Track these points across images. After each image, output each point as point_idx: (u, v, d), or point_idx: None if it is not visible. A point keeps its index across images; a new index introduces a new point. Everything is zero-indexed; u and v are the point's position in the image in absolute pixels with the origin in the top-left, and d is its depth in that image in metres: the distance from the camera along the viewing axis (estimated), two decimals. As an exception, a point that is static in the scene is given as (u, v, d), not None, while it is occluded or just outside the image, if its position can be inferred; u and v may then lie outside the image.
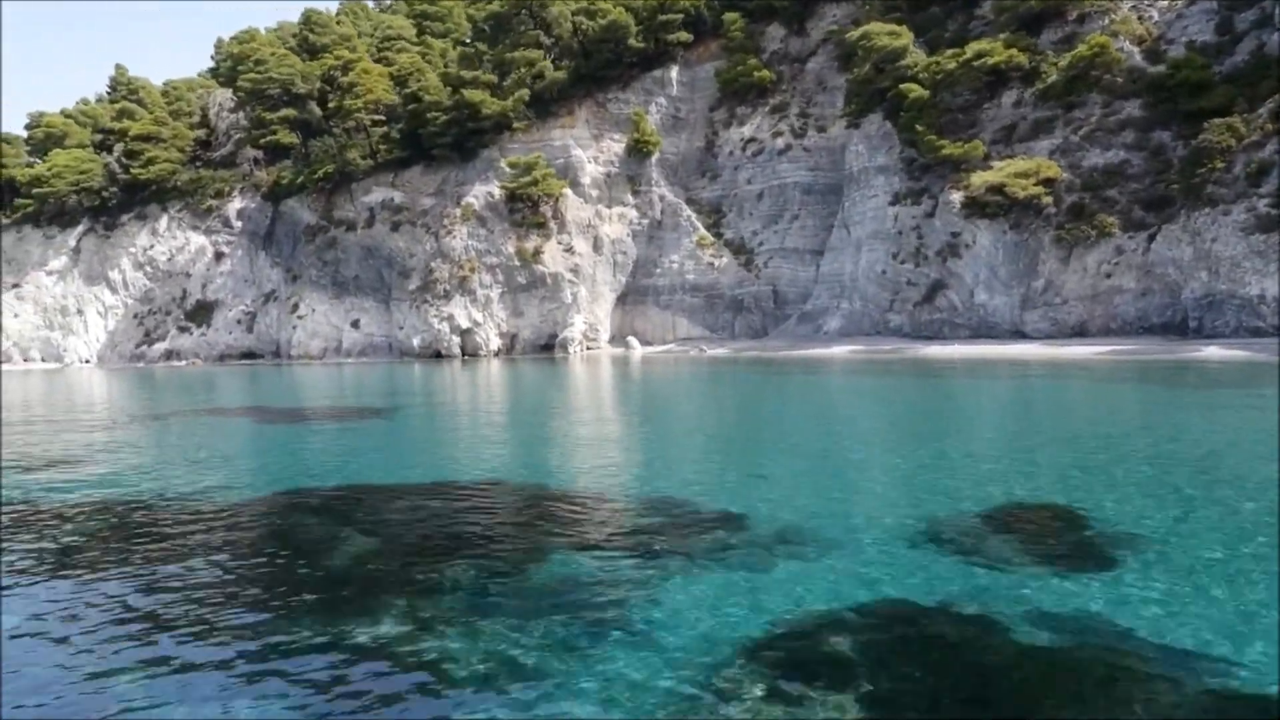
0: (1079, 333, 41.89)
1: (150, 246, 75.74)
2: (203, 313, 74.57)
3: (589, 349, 61.94)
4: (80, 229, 76.87)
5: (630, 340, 61.61)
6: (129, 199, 76.48)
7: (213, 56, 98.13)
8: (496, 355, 62.74)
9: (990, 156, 48.31)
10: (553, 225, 63.26)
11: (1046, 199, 43.35)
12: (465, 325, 62.54)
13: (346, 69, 69.59)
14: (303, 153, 72.42)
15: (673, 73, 66.21)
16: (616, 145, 65.55)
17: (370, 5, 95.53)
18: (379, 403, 28.72)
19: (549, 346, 63.27)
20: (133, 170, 74.45)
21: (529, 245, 62.49)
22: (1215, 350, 33.25)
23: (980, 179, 45.03)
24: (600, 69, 66.06)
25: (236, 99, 76.70)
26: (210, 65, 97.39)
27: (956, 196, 47.89)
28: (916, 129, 49.56)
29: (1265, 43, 41.35)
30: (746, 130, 63.20)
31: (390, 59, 72.40)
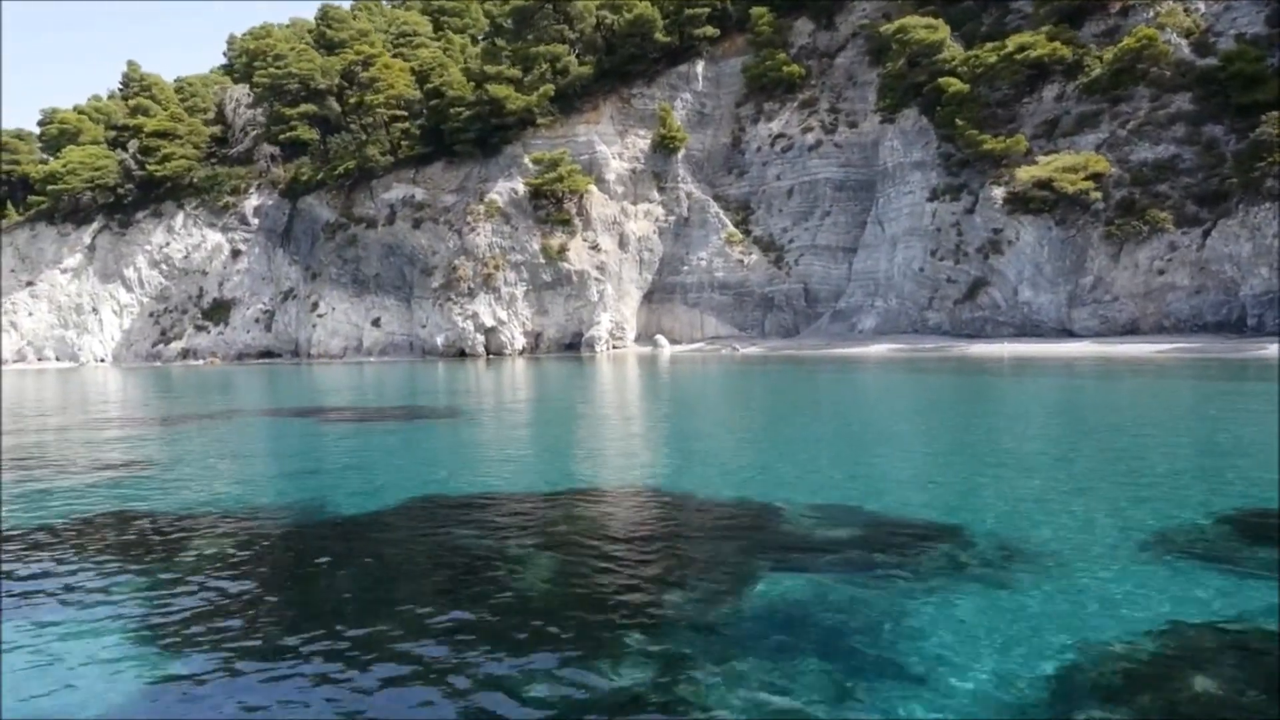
0: (1130, 331, 40.93)
1: (166, 244, 74.81)
2: (220, 311, 73.64)
3: (615, 348, 60.98)
4: (95, 226, 75.93)
5: (658, 339, 60.66)
6: (144, 196, 75.56)
7: (225, 53, 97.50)
8: (521, 354, 61.82)
9: (1031, 151, 47.37)
10: (577, 222, 62.34)
11: (1095, 194, 42.37)
12: (490, 324, 61.60)
13: (367, 64, 68.67)
14: (321, 149, 71.45)
15: (698, 68, 65.26)
16: (641, 141, 64.60)
17: (384, 3, 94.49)
18: (438, 402, 27.70)
19: (573, 345, 62.34)
20: (148, 167, 73.51)
21: (554, 242, 61.55)
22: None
23: (1026, 174, 44.04)
24: (625, 64, 65.13)
25: (254, 95, 75.73)
26: (223, 62, 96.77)
27: (998, 192, 46.93)
28: (956, 123, 48.59)
29: (1320, 34, 40.41)
30: (775, 126, 62.23)
31: (410, 54, 71.48)
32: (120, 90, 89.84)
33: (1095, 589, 7.04)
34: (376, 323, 67.58)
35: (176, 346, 73.03)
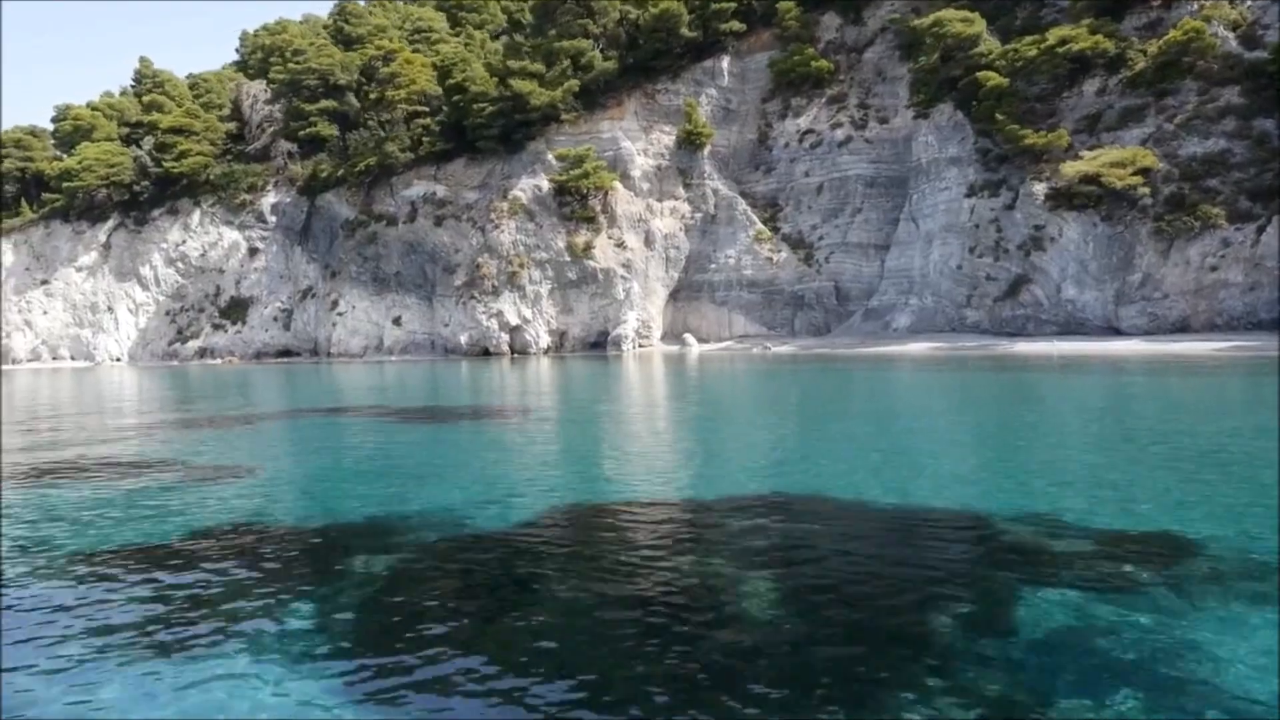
0: (1180, 329, 40.12)
1: (182, 242, 73.96)
2: (237, 310, 72.80)
3: (641, 347, 60.14)
4: (110, 224, 75.07)
5: (686, 338, 59.81)
6: (160, 193, 74.71)
7: (238, 49, 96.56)
8: (545, 353, 60.99)
9: (1073, 147, 46.57)
10: (602, 219, 61.53)
11: (1143, 190, 41.57)
12: (514, 322, 60.78)
13: (388, 59, 67.82)
14: (340, 146, 70.59)
15: (724, 63, 64.43)
16: (666, 137, 63.78)
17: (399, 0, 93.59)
18: (504, 401, 26.79)
19: (597, 344, 61.51)
20: (165, 163, 72.64)
21: (579, 240, 60.74)
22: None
23: (1072, 169, 43.22)
24: (649, 59, 64.30)
25: (271, 91, 74.86)
26: (235, 59, 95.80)
27: (1039, 188, 46.15)
28: (996, 118, 47.78)
29: (1374, 26, 39.63)
30: (803, 122, 61.42)
31: (430, 50, 70.63)
32: (133, 87, 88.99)
33: None
34: (397, 321, 66.72)
35: (193, 346, 72.17)
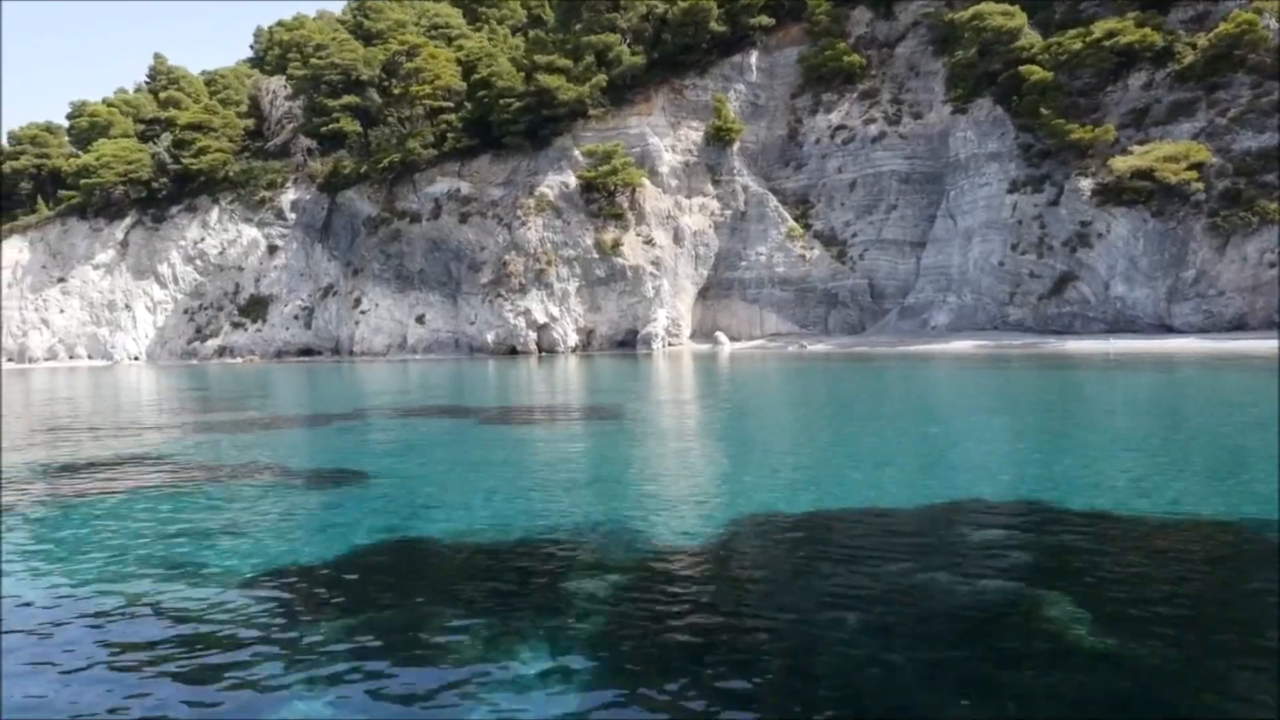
0: (1237, 326, 39.31)
1: (200, 239, 73.08)
2: (257, 308, 71.92)
3: (670, 345, 59.29)
4: (128, 221, 74.19)
5: (718, 336, 58.96)
6: (178, 190, 73.86)
7: (252, 46, 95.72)
8: (573, 351, 60.16)
9: (1119, 141, 45.79)
10: (630, 216, 60.69)
11: (1197, 185, 40.76)
12: (542, 320, 59.93)
13: (411, 54, 66.90)
14: (361, 142, 69.72)
15: (752, 58, 63.60)
16: (694, 133, 62.96)
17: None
18: (593, 401, 25.75)
19: (625, 343, 60.69)
20: (183, 160, 71.80)
21: (607, 237, 59.90)
22: None
23: (1124, 164, 42.42)
24: (676, 54, 63.50)
25: (291, 86, 73.96)
26: (250, 55, 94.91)
27: (1085, 183, 45.37)
28: (1040, 113, 46.95)
29: None
30: (834, 117, 60.57)
31: (453, 45, 69.78)
32: (147, 83, 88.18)
33: None
34: (421, 319, 65.86)
35: (213, 344, 71.29)
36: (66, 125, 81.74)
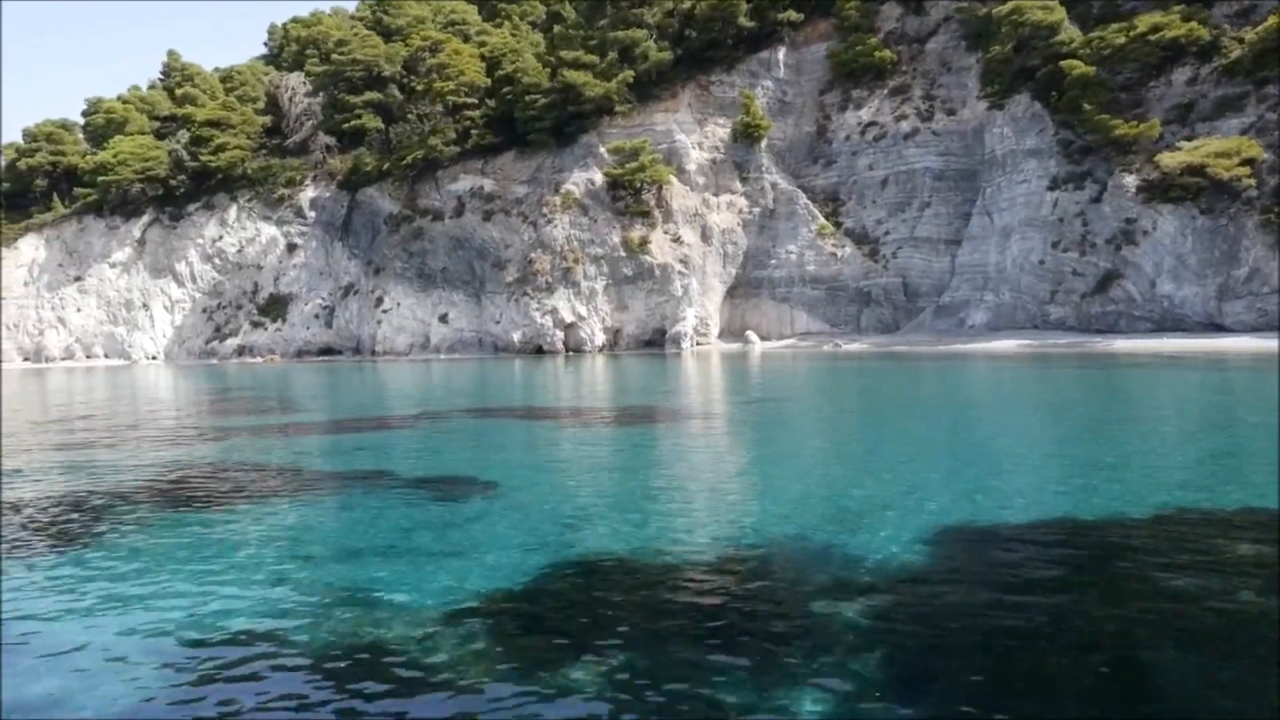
0: (1292, 325, 38.62)
1: (219, 238, 72.28)
2: (276, 307, 71.14)
3: (698, 344, 58.58)
4: (145, 219, 73.36)
5: (749, 335, 58.25)
6: (195, 188, 73.07)
7: (266, 43, 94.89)
8: (600, 351, 59.45)
9: (1163, 137, 45.13)
10: (657, 214, 59.96)
11: (1249, 181, 40.08)
12: (569, 319, 59.19)
13: (434, 50, 66.11)
14: (382, 139, 68.95)
15: (779, 54, 62.89)
16: (721, 130, 62.24)
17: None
18: (651, 401, 24.99)
19: (652, 342, 59.99)
20: (202, 157, 70.97)
21: (635, 235, 59.18)
22: None
23: (1173, 160, 41.74)
24: (703, 50, 62.76)
25: (310, 83, 73.17)
26: (264, 52, 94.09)
27: (1130, 180, 44.70)
28: (1083, 108, 46.26)
29: None
30: (864, 114, 59.86)
31: (479, 40, 69.03)
32: (161, 80, 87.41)
33: None
34: (444, 319, 65.09)
35: (232, 344, 70.50)
36: (82, 122, 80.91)
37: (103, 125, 77.05)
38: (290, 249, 71.47)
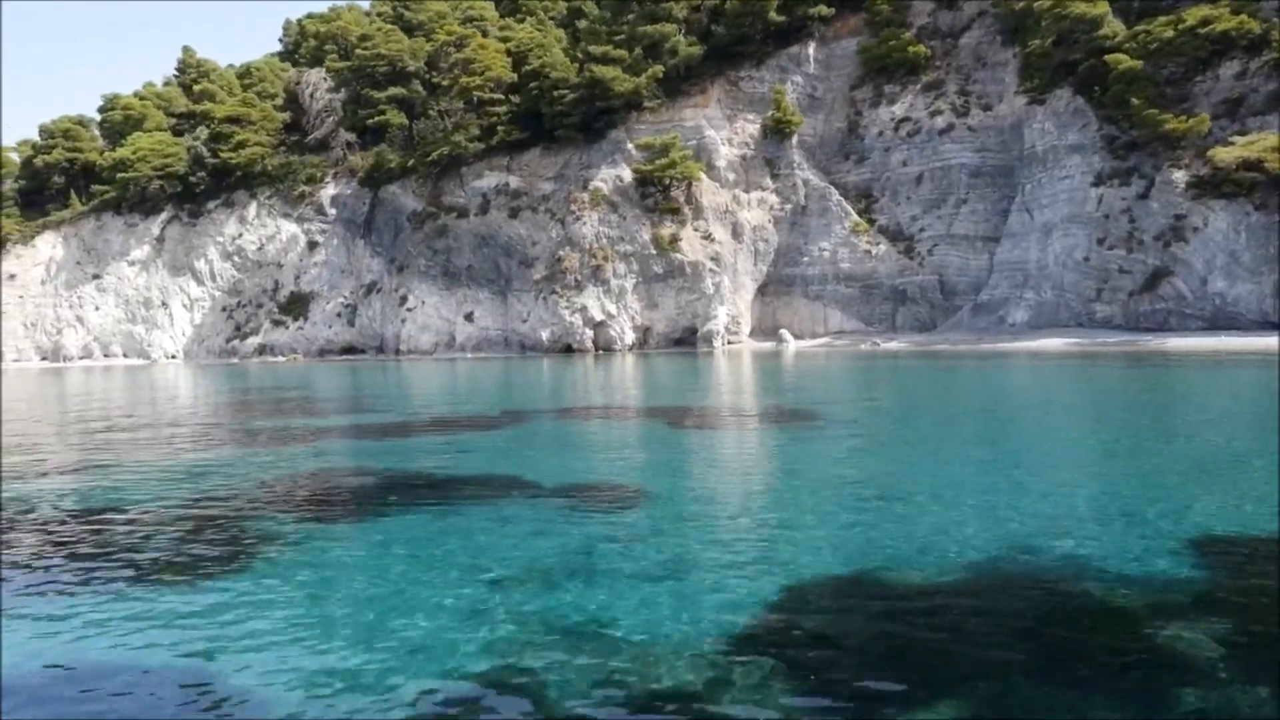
0: (1353, 323, 37.89)
1: (239, 235, 71.51)
2: (297, 305, 70.34)
3: (730, 343, 57.80)
4: (164, 216, 72.61)
5: (782, 333, 57.44)
6: (215, 185, 72.27)
7: (281, 39, 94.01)
8: (630, 349, 58.67)
9: (1212, 132, 44.36)
10: (687, 211, 59.17)
11: (1307, 176, 39.33)
12: (599, 318, 58.40)
13: (460, 45, 65.28)
14: (404, 135, 68.12)
15: (809, 49, 62.06)
16: (751, 126, 61.44)
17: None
18: (786, 402, 24.07)
19: (683, 341, 59.22)
20: (221, 154, 70.18)
21: (665, 232, 58.39)
22: None
23: (1227, 155, 40.97)
24: (732, 45, 61.93)
25: (332, 79, 72.32)
26: (279, 49, 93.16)
27: (1179, 175, 43.93)
28: (1131, 103, 45.46)
29: None
30: (898, 110, 59.06)
31: (503, 35, 68.20)
32: (176, 76, 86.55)
33: None
34: (469, 317, 64.29)
35: (253, 343, 69.70)
36: (98, 119, 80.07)
37: (120, 122, 76.23)
38: (311, 247, 70.68)
